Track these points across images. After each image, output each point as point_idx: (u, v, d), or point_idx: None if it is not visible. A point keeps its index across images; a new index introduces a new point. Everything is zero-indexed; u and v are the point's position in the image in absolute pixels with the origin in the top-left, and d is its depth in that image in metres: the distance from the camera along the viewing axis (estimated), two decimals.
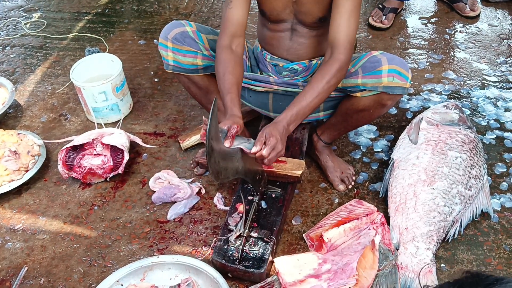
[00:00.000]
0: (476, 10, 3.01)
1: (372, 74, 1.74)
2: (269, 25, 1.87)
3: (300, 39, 1.86)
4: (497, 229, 1.87)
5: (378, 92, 1.75)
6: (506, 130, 2.26)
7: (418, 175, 1.87)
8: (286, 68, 1.92)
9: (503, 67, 2.62)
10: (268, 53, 1.93)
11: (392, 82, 1.73)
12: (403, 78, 1.74)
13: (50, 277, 1.81)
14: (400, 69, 1.74)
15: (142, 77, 2.72)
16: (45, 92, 2.65)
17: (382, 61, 1.74)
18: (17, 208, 2.06)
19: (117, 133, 2.19)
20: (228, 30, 1.78)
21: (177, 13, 3.24)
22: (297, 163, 1.86)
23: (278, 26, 1.86)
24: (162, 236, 1.91)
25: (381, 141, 2.24)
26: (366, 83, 1.75)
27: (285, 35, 1.87)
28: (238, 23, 1.78)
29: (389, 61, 1.74)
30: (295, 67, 1.91)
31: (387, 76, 1.72)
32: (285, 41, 1.88)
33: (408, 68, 1.76)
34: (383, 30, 2.95)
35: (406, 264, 1.70)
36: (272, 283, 1.68)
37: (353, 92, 1.80)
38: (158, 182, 2.09)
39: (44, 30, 3.13)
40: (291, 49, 1.88)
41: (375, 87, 1.75)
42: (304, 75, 1.93)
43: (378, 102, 1.79)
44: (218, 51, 1.78)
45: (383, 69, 1.73)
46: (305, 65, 1.90)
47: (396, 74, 1.72)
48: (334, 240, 1.75)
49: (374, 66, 1.74)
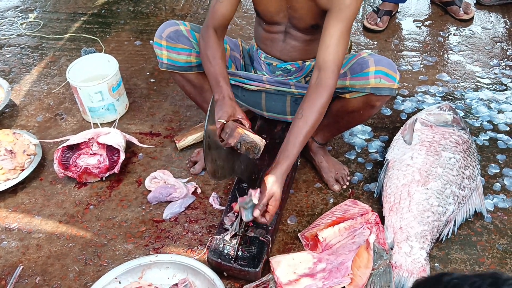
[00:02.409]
0: (469, 13, 3.04)
1: (360, 76, 1.75)
2: (264, 25, 1.89)
3: (293, 41, 1.87)
4: (490, 229, 1.88)
5: (366, 93, 1.77)
6: (499, 131, 2.29)
7: (412, 176, 1.89)
8: (280, 68, 1.93)
9: (496, 70, 2.65)
10: (263, 52, 1.95)
11: (379, 84, 1.74)
12: (390, 79, 1.75)
13: (45, 275, 1.81)
14: (387, 70, 1.75)
15: (138, 78, 2.72)
16: (41, 92, 2.66)
17: (369, 63, 1.75)
18: (13, 207, 2.06)
19: (113, 133, 2.20)
20: (215, 22, 1.81)
21: (173, 14, 3.25)
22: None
23: (272, 28, 1.87)
24: (157, 236, 1.92)
25: (376, 142, 2.26)
26: (354, 84, 1.77)
27: (279, 37, 1.88)
28: (224, 18, 1.81)
29: (376, 62, 1.75)
30: (289, 67, 1.92)
31: (374, 78, 1.74)
32: (279, 42, 1.89)
33: (396, 69, 1.77)
34: (377, 33, 2.97)
35: (400, 263, 1.72)
36: (267, 282, 1.69)
37: (342, 93, 1.82)
38: (154, 182, 2.10)
39: (40, 31, 3.13)
40: (284, 50, 1.90)
41: (362, 88, 1.76)
42: (297, 75, 1.94)
43: (366, 103, 1.80)
44: (205, 36, 1.81)
45: (370, 71, 1.74)
46: (298, 65, 1.92)
47: (383, 75, 1.73)
48: (329, 240, 1.77)
49: (362, 68, 1.75)
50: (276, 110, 2.02)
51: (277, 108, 2.01)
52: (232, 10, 1.81)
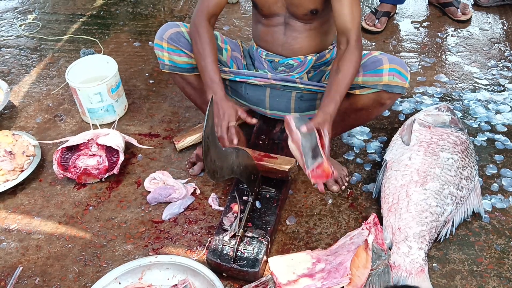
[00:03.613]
0: (467, 14, 3.05)
1: (373, 73, 1.77)
2: (263, 21, 1.90)
3: (294, 33, 1.88)
4: (488, 229, 1.89)
5: (378, 90, 1.78)
6: (497, 132, 2.29)
7: (410, 176, 1.89)
8: (282, 64, 1.94)
9: (494, 71, 2.66)
10: (263, 50, 1.95)
11: (392, 81, 1.76)
12: (403, 78, 1.77)
13: (45, 276, 1.81)
14: (401, 68, 1.77)
15: (137, 79, 2.73)
16: (40, 93, 2.66)
17: (383, 61, 1.77)
18: (12, 208, 2.06)
19: (112, 134, 2.20)
20: (207, 9, 1.82)
21: (172, 15, 3.26)
22: (287, 159, 1.88)
23: (272, 21, 1.88)
24: (157, 236, 1.92)
25: (374, 143, 2.26)
26: (367, 81, 1.78)
27: (279, 30, 1.89)
28: (217, 4, 1.83)
29: (390, 60, 1.77)
30: (291, 62, 1.93)
31: (387, 75, 1.75)
32: (279, 36, 1.90)
33: (408, 69, 1.79)
34: (376, 34, 2.98)
35: (399, 263, 1.72)
36: (266, 283, 1.69)
37: (352, 90, 1.82)
38: (153, 183, 2.10)
39: (39, 32, 3.14)
40: (286, 44, 1.90)
41: (375, 85, 1.77)
42: (300, 70, 1.95)
43: (377, 100, 1.81)
44: (199, 27, 1.82)
45: (384, 68, 1.76)
46: (300, 60, 1.92)
47: (396, 73, 1.75)
48: None
49: (375, 65, 1.77)
50: (280, 107, 2.01)
51: (281, 105, 2.00)
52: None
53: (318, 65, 1.96)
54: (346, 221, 1.95)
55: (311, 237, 1.89)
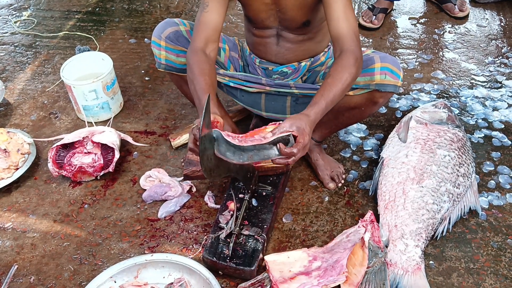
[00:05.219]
0: (465, 10, 3.04)
1: (365, 72, 1.75)
2: (254, 31, 1.87)
3: (286, 44, 1.86)
4: (485, 227, 1.89)
5: (370, 89, 1.76)
6: (494, 129, 2.29)
7: (407, 173, 1.89)
8: (276, 72, 1.93)
9: (491, 67, 2.65)
10: (256, 57, 1.94)
11: (384, 80, 1.74)
12: (395, 76, 1.75)
13: (40, 275, 1.80)
14: (392, 67, 1.75)
15: (132, 76, 2.71)
16: (35, 91, 2.64)
17: (374, 59, 1.75)
18: (7, 206, 2.05)
19: (107, 132, 2.19)
20: (203, 35, 1.72)
21: (168, 12, 3.24)
22: None
23: (264, 32, 1.86)
24: (152, 234, 1.91)
25: (371, 140, 2.26)
26: (359, 81, 1.76)
27: (272, 41, 1.87)
28: (213, 28, 1.73)
29: (382, 59, 1.75)
30: (285, 69, 1.92)
31: (379, 74, 1.74)
32: (272, 46, 1.88)
33: (400, 67, 1.78)
34: (373, 30, 2.97)
35: (395, 261, 1.72)
36: (263, 281, 1.69)
37: None
38: (149, 181, 2.09)
39: (34, 29, 3.12)
40: (279, 54, 1.89)
41: (367, 84, 1.76)
42: (294, 76, 1.94)
43: (370, 99, 1.80)
44: (191, 55, 1.71)
45: (376, 67, 1.74)
46: (294, 67, 1.91)
47: (388, 72, 1.74)
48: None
49: (367, 64, 1.75)
50: (276, 110, 2.00)
51: (277, 108, 1.99)
52: (221, 19, 1.74)
53: (313, 68, 1.95)
54: (343, 218, 1.94)
55: (308, 235, 1.89)
